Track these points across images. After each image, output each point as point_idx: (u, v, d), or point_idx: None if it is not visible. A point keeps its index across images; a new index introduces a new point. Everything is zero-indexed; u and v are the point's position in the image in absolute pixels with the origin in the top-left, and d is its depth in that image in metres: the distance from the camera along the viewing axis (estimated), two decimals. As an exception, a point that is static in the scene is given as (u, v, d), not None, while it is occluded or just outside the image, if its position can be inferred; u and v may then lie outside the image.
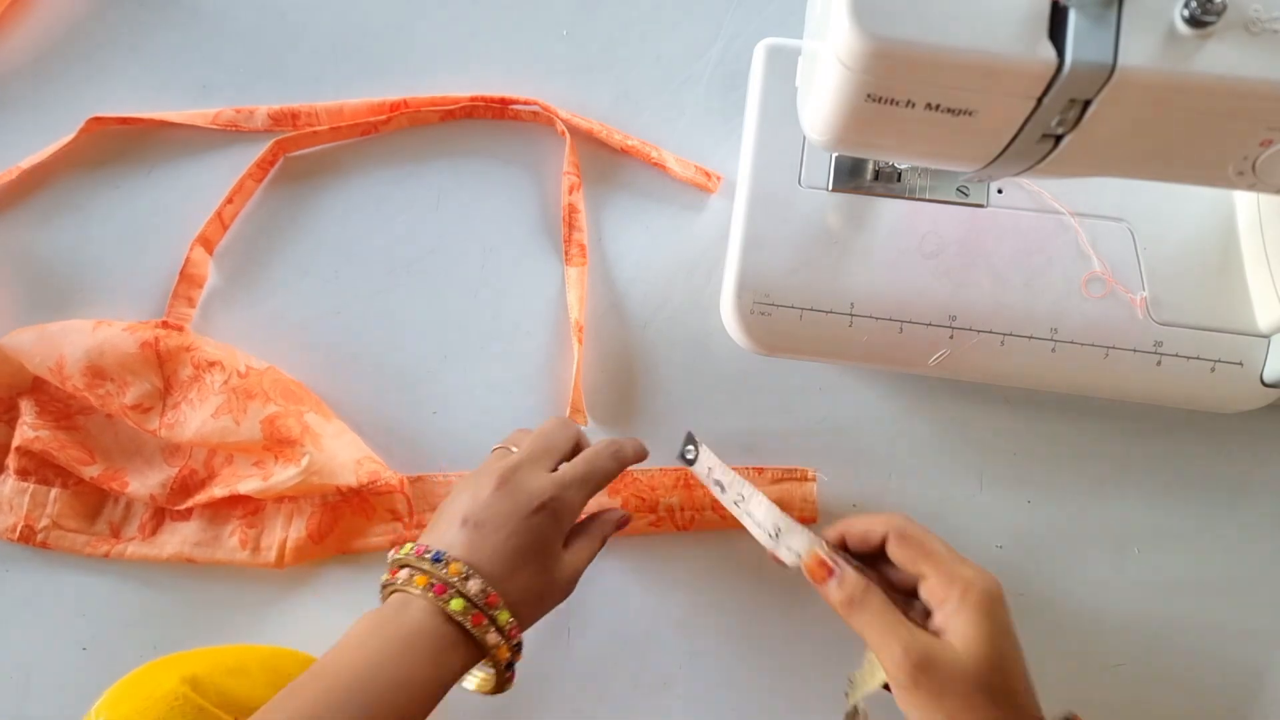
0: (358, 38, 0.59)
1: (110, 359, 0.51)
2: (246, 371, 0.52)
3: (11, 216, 0.57)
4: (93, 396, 0.51)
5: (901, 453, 0.54)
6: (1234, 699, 0.52)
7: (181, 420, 0.51)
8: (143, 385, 0.51)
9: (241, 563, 0.52)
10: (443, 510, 0.46)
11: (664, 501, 0.53)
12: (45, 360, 0.51)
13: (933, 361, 0.49)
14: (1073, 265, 0.49)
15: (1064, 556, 0.53)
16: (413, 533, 0.53)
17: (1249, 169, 0.37)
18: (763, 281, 0.49)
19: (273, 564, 0.52)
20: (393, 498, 0.53)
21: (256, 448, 0.51)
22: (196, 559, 0.53)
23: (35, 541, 0.52)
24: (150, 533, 0.53)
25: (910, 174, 0.50)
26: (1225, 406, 0.50)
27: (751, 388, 0.55)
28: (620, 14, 0.60)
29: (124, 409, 0.51)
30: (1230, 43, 0.33)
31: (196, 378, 0.51)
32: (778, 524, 0.44)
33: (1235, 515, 0.53)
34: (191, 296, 0.55)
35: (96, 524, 0.53)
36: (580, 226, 0.56)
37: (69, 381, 0.51)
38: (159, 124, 0.57)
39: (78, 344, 0.51)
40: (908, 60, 0.33)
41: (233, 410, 0.50)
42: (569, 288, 0.55)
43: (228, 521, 0.53)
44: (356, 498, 0.53)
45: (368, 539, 0.53)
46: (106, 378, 0.51)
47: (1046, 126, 0.35)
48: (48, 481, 0.53)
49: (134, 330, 0.51)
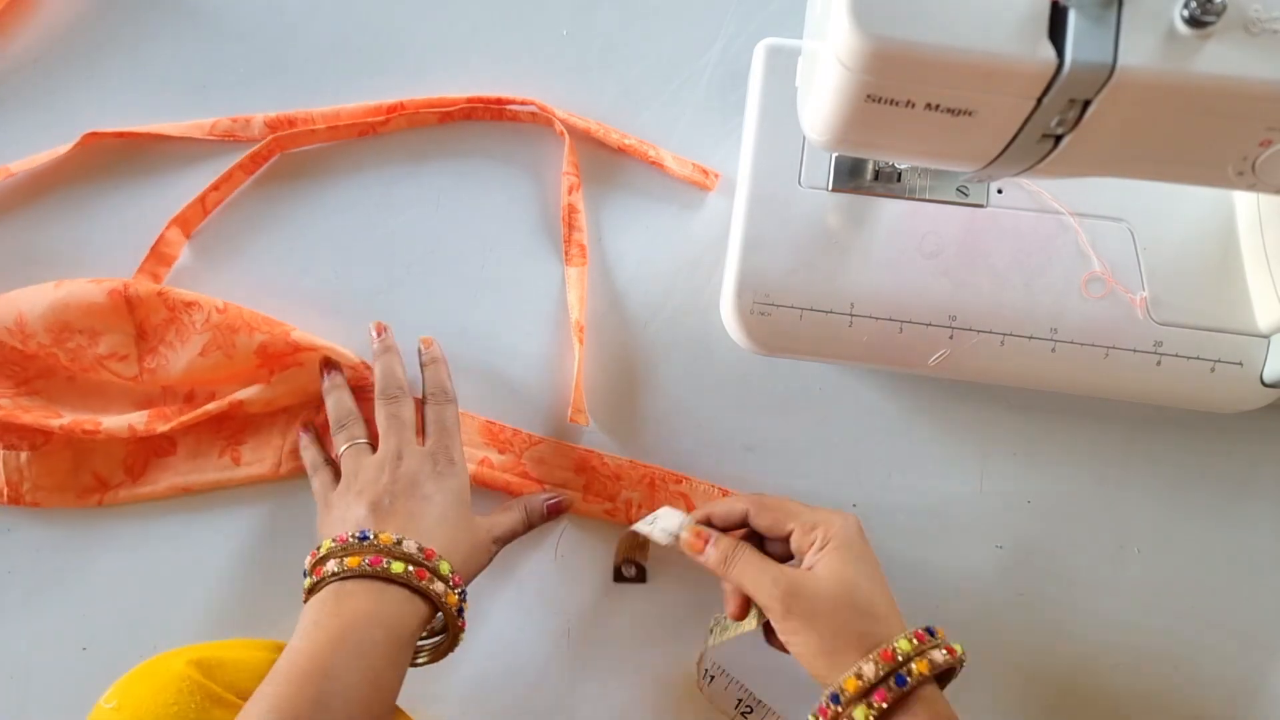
0: (357, 37, 0.59)
1: (75, 311, 0.50)
2: (225, 307, 0.51)
3: (5, 216, 0.57)
4: (61, 352, 0.50)
5: (901, 453, 0.54)
6: (1234, 699, 0.52)
7: (164, 363, 0.51)
8: (114, 335, 0.51)
9: (239, 480, 0.53)
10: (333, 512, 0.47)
11: (624, 494, 0.53)
12: (2, 321, 0.50)
13: (933, 361, 0.49)
14: (1073, 265, 0.49)
15: (1064, 556, 0.53)
16: None
17: (1249, 169, 0.37)
18: (763, 281, 0.49)
19: (267, 475, 0.53)
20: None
21: (250, 370, 0.52)
22: (192, 487, 0.53)
23: (24, 501, 0.52)
24: (138, 474, 0.53)
25: (910, 174, 0.50)
26: (1225, 406, 0.50)
27: (751, 388, 0.55)
28: (620, 14, 0.60)
29: (98, 359, 0.51)
30: (1230, 43, 0.32)
31: (173, 319, 0.51)
32: (655, 515, 0.48)
33: (1235, 515, 0.53)
34: (158, 274, 0.55)
35: (80, 476, 0.53)
36: (580, 226, 0.56)
37: (31, 340, 0.50)
38: (155, 137, 0.57)
39: (38, 300, 0.50)
40: (907, 60, 0.33)
41: (221, 346, 0.51)
42: (569, 288, 0.55)
43: (213, 444, 0.53)
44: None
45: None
46: (75, 330, 0.50)
47: (1046, 126, 0.35)
48: (14, 447, 0.52)
49: (99, 282, 0.51)
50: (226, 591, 0.53)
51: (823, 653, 0.41)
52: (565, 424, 0.54)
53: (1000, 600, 0.53)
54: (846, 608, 0.41)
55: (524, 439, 0.54)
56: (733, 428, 0.54)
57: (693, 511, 0.48)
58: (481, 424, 0.54)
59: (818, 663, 0.41)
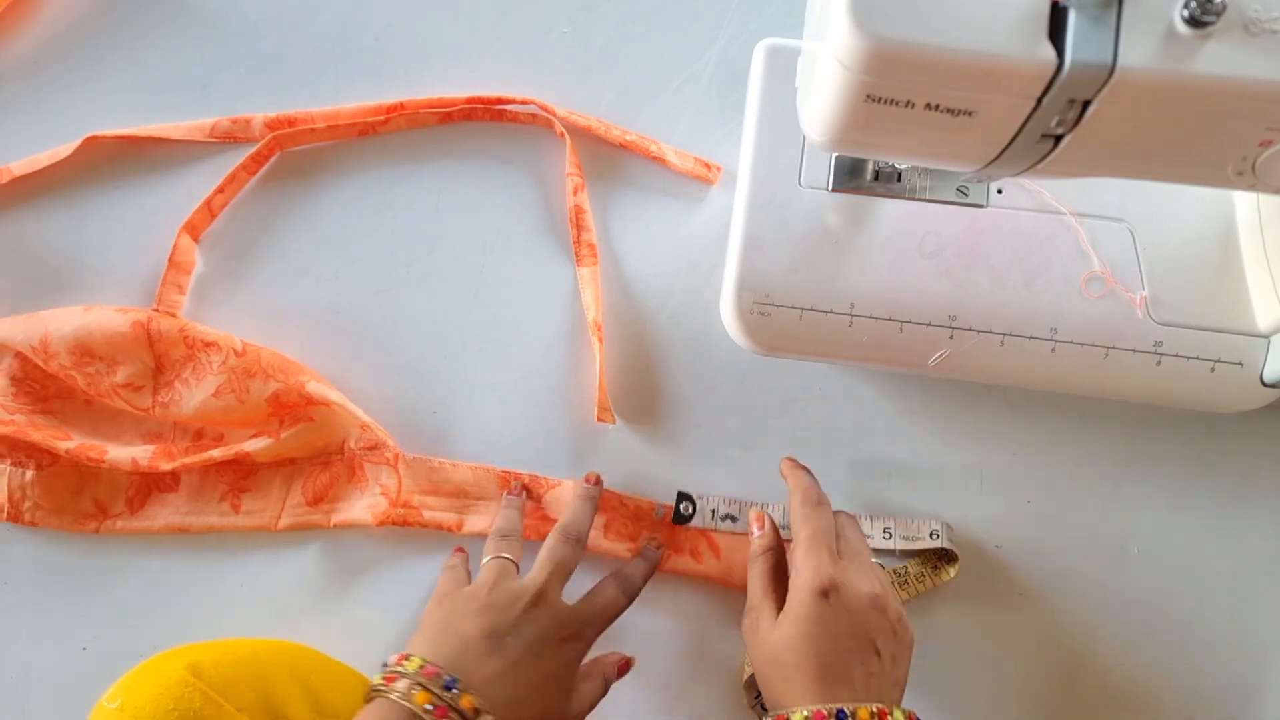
0: (358, 35, 0.59)
1: (99, 337, 0.50)
2: (244, 350, 0.52)
3: (7, 215, 0.57)
4: (80, 375, 0.51)
5: (901, 453, 0.54)
6: (1234, 699, 0.52)
7: (177, 399, 0.51)
8: (133, 365, 0.51)
9: (235, 527, 0.52)
10: (447, 607, 0.45)
11: (646, 534, 0.53)
12: (29, 339, 0.51)
13: (933, 361, 0.49)
14: (1073, 265, 0.49)
15: (1064, 556, 0.53)
16: (396, 512, 0.52)
17: (1248, 169, 0.37)
18: (763, 281, 0.49)
19: (266, 526, 0.52)
20: (382, 470, 0.53)
21: (261, 417, 0.51)
22: (190, 527, 0.53)
23: (24, 520, 0.52)
24: (138, 507, 0.53)
25: (910, 174, 0.50)
26: (1225, 406, 0.50)
27: (751, 388, 0.55)
28: (620, 13, 0.60)
29: (114, 387, 0.51)
30: (1230, 43, 0.32)
31: (190, 357, 0.51)
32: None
33: (1235, 515, 0.53)
34: (181, 283, 0.55)
35: (80, 501, 0.53)
36: (588, 226, 0.56)
37: (53, 360, 0.50)
38: (156, 140, 0.57)
39: (66, 322, 0.51)
40: (907, 60, 0.33)
41: (235, 390, 0.51)
42: (583, 288, 0.55)
43: (216, 488, 0.53)
44: (352, 464, 0.53)
45: (353, 511, 0.53)
46: (95, 356, 0.51)
47: (1046, 126, 0.35)
48: (21, 465, 0.52)
49: (125, 311, 0.52)
50: (227, 592, 0.53)
51: (763, 686, 0.44)
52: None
53: (1000, 600, 0.53)
54: (773, 663, 0.43)
55: (540, 484, 0.53)
56: (733, 427, 0.54)
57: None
58: (497, 474, 0.54)
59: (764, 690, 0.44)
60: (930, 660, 0.51)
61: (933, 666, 0.51)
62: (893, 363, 0.50)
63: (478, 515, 0.53)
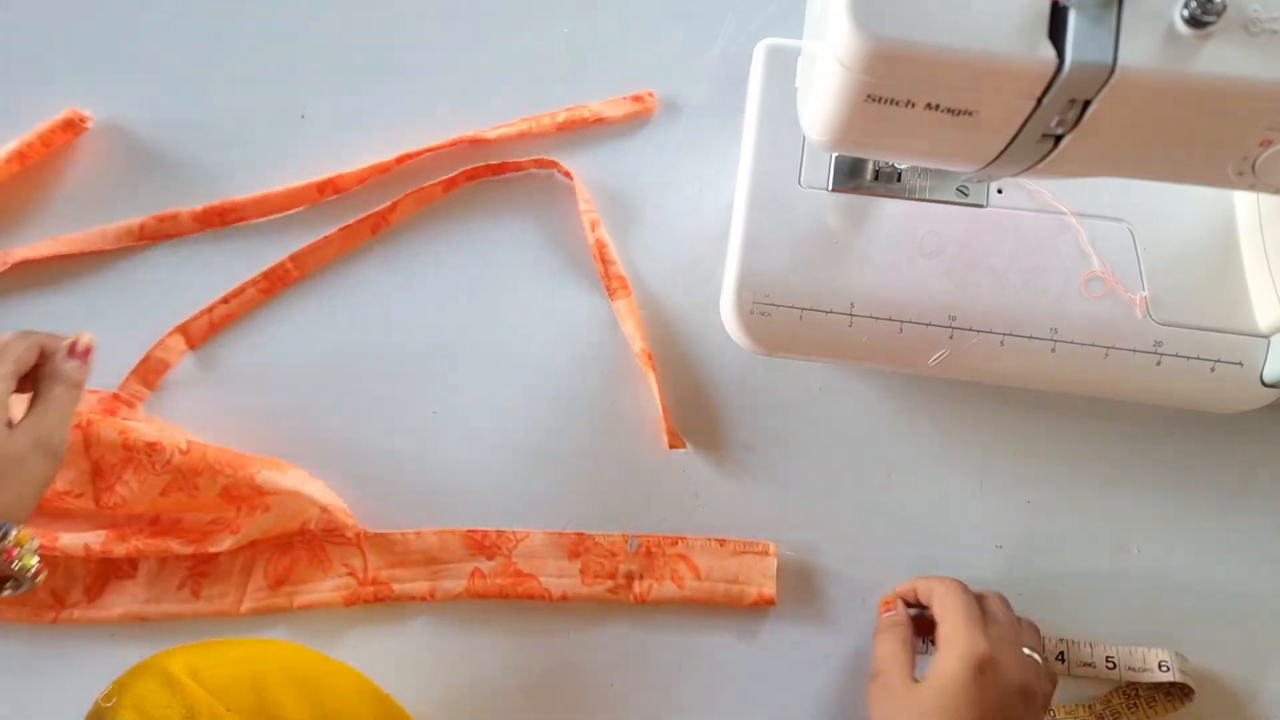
0: (358, 36, 0.59)
1: None
2: (189, 448, 0.50)
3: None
4: None
5: (901, 453, 0.54)
6: (1234, 698, 0.52)
7: (122, 501, 0.50)
8: (70, 471, 0.50)
9: (197, 613, 0.51)
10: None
11: (623, 569, 0.52)
12: None
13: (933, 361, 0.49)
14: (1073, 265, 0.49)
15: (1064, 556, 0.53)
16: (367, 590, 0.52)
17: (1249, 169, 0.37)
18: (763, 281, 0.49)
19: (228, 611, 0.51)
20: (348, 550, 0.52)
21: (217, 505, 0.51)
22: (149, 616, 0.51)
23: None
24: (95, 595, 0.52)
25: (910, 174, 0.50)
26: (1225, 406, 0.50)
27: (751, 388, 0.55)
28: (620, 14, 0.60)
29: (56, 494, 0.50)
30: (1230, 43, 0.32)
31: (130, 459, 0.50)
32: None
33: (1235, 515, 0.53)
34: (149, 379, 0.54)
35: (36, 592, 0.51)
36: (613, 259, 0.55)
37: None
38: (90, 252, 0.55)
39: None
40: (907, 60, 0.33)
41: (184, 488, 0.50)
42: (622, 321, 0.55)
43: (175, 574, 0.52)
44: (314, 545, 0.52)
45: (319, 593, 0.52)
46: None
47: (1046, 126, 0.35)
48: None
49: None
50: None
51: None
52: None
53: (1000, 600, 0.53)
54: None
55: (509, 538, 0.52)
56: (733, 427, 0.54)
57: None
58: (462, 535, 0.52)
59: None
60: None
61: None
62: (893, 363, 0.50)
63: (451, 580, 0.52)
